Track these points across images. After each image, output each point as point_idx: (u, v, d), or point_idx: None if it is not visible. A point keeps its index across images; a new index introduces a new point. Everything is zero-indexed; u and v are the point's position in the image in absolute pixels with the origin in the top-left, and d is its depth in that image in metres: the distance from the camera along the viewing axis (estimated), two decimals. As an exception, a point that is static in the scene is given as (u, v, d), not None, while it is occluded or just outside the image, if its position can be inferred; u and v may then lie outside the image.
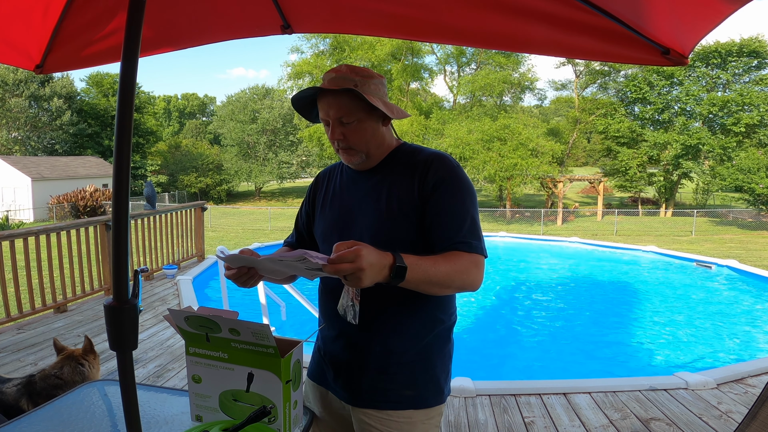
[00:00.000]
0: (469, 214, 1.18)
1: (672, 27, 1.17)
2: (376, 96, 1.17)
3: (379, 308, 1.21)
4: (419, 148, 1.27)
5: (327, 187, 1.38)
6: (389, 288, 1.09)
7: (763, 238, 17.95)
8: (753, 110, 23.91)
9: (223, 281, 5.02)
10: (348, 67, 1.19)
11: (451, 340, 1.31)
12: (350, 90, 1.13)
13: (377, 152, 1.25)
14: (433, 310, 1.24)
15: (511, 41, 1.48)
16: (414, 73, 31.85)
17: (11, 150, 39.44)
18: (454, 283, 1.12)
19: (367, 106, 1.16)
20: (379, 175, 1.26)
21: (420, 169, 1.21)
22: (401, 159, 1.26)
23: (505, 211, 25.44)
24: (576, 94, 35.38)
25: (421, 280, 1.05)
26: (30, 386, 2.10)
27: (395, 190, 1.21)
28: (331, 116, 1.18)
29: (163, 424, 1.21)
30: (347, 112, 1.16)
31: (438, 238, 1.17)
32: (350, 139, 1.19)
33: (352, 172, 1.31)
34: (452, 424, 2.88)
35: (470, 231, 1.16)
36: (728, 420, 2.92)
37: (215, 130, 49.58)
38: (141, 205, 16.01)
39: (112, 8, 1.41)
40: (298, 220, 1.47)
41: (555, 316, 7.18)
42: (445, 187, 1.18)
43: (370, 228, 1.22)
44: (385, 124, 1.24)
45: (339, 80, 1.16)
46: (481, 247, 1.17)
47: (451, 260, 1.11)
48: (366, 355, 1.24)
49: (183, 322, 1.04)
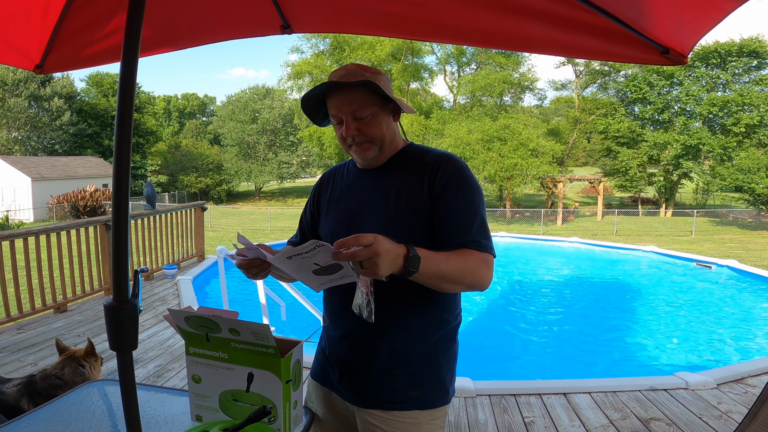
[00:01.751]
0: (479, 213, 1.19)
1: (671, 26, 1.17)
2: (387, 91, 1.19)
3: (386, 308, 1.21)
4: (427, 149, 1.28)
5: (333, 187, 1.37)
6: (396, 288, 1.09)
7: (763, 238, 17.95)
8: (753, 110, 23.91)
9: (223, 281, 5.02)
10: (357, 65, 1.20)
11: (456, 341, 1.32)
12: (366, 83, 1.13)
13: (389, 147, 1.26)
14: (439, 310, 1.24)
15: (512, 40, 1.48)
16: (414, 73, 31.85)
17: (11, 150, 39.44)
18: (465, 280, 1.12)
19: (381, 99, 1.17)
20: (388, 175, 1.26)
21: (429, 169, 1.21)
22: (409, 159, 1.26)
23: (505, 211, 25.44)
24: (576, 94, 35.38)
25: (433, 274, 1.05)
26: (31, 386, 2.10)
27: (404, 190, 1.22)
28: (345, 111, 1.17)
29: (163, 424, 1.21)
30: (361, 106, 1.16)
31: (448, 237, 1.17)
32: (366, 133, 1.20)
33: (359, 172, 1.31)
34: (452, 424, 2.88)
35: (480, 230, 1.17)
36: (728, 420, 2.92)
37: (215, 130, 49.59)
38: (141, 205, 16.01)
39: (111, 8, 1.41)
40: (303, 221, 1.47)
41: (555, 316, 7.18)
42: (454, 187, 1.18)
43: (378, 226, 1.21)
44: (396, 120, 1.25)
45: (350, 76, 1.16)
46: (491, 247, 1.17)
47: (463, 257, 1.12)
48: (372, 355, 1.24)
49: (183, 322, 1.04)
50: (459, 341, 1.36)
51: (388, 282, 1.03)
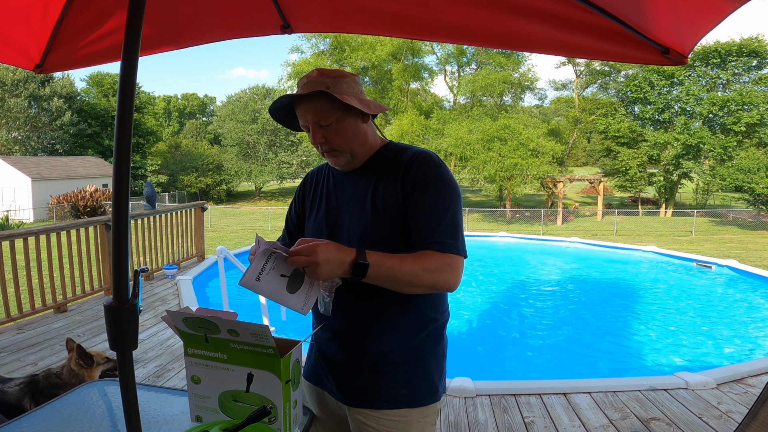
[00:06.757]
0: (448, 213, 1.17)
1: (672, 26, 1.17)
2: (350, 94, 1.17)
3: (372, 308, 1.22)
4: (404, 147, 1.27)
5: (315, 189, 1.38)
6: (382, 288, 1.10)
7: (763, 238, 17.95)
8: (753, 109, 23.92)
9: (223, 281, 5.02)
10: (319, 71, 1.19)
11: (444, 338, 1.31)
12: (322, 92, 1.13)
13: (361, 151, 1.25)
14: (425, 309, 1.25)
15: (512, 40, 1.48)
16: (414, 73, 31.89)
17: (11, 150, 39.44)
18: (423, 282, 1.12)
19: (342, 105, 1.16)
20: (365, 176, 1.26)
21: (403, 168, 1.21)
22: (386, 158, 1.26)
23: (505, 211, 25.44)
24: (576, 94, 35.40)
25: (385, 278, 1.08)
26: (33, 385, 2.10)
27: (381, 190, 1.22)
28: (310, 121, 1.18)
29: (163, 424, 1.21)
30: (324, 115, 1.16)
31: (415, 236, 1.17)
32: (332, 141, 1.20)
33: (339, 174, 1.32)
34: (452, 424, 2.88)
35: (447, 230, 1.16)
36: (728, 420, 2.92)
37: (215, 130, 49.57)
38: (141, 205, 16.02)
39: (111, 7, 1.41)
40: (288, 222, 1.47)
41: (555, 316, 7.18)
42: (424, 186, 1.18)
43: (358, 228, 1.22)
44: (365, 121, 1.23)
45: (311, 85, 1.16)
46: (457, 247, 1.15)
47: (421, 259, 1.11)
48: (359, 355, 1.25)
49: (181, 323, 1.04)
50: (459, 341, 1.36)
51: (360, 279, 1.07)
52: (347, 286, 1.15)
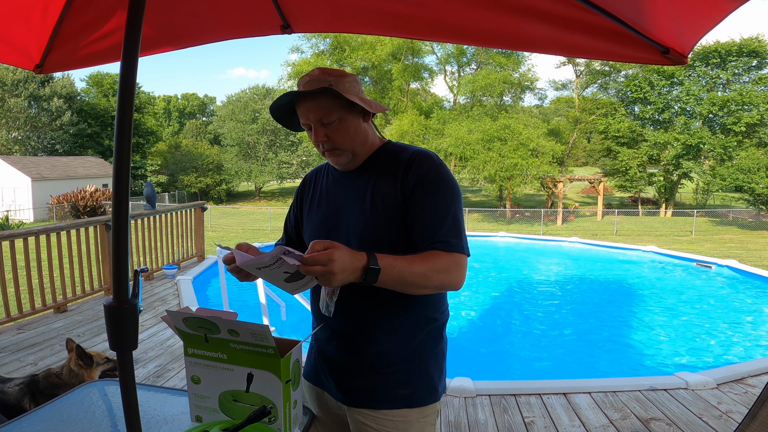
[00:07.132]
0: (450, 212, 1.17)
1: (672, 26, 1.17)
2: (353, 93, 1.17)
3: (371, 308, 1.22)
4: (404, 147, 1.27)
5: (314, 189, 1.38)
6: (381, 288, 1.10)
7: (763, 238, 17.95)
8: (753, 109, 23.92)
9: (223, 281, 5.02)
10: (320, 70, 1.19)
11: (444, 338, 1.31)
12: (326, 89, 1.13)
13: (362, 150, 1.25)
14: (424, 309, 1.24)
15: (512, 40, 1.48)
16: (414, 73, 31.89)
17: (11, 150, 39.43)
18: (431, 283, 1.12)
19: (345, 103, 1.16)
20: (365, 176, 1.25)
21: (403, 167, 1.20)
22: (385, 158, 1.26)
23: (505, 211, 25.44)
24: (576, 94, 35.39)
25: (396, 281, 1.07)
26: (33, 385, 2.10)
27: (380, 190, 1.21)
28: (312, 119, 1.18)
29: (163, 424, 1.21)
30: (327, 112, 1.16)
31: (418, 237, 1.17)
32: (334, 139, 1.19)
33: (338, 174, 1.31)
34: (452, 424, 2.88)
35: (450, 230, 1.16)
36: (728, 420, 2.92)
37: (215, 130, 49.55)
38: (141, 205, 16.01)
39: (111, 8, 1.41)
40: (287, 223, 1.47)
41: (555, 316, 7.18)
42: (425, 186, 1.18)
43: (356, 229, 1.22)
44: (366, 120, 1.23)
45: (313, 83, 1.16)
46: (461, 246, 1.16)
47: (429, 260, 1.11)
48: (359, 355, 1.25)
49: (181, 323, 1.04)
50: (459, 341, 1.36)
51: (372, 284, 1.05)
52: (347, 287, 1.14)
